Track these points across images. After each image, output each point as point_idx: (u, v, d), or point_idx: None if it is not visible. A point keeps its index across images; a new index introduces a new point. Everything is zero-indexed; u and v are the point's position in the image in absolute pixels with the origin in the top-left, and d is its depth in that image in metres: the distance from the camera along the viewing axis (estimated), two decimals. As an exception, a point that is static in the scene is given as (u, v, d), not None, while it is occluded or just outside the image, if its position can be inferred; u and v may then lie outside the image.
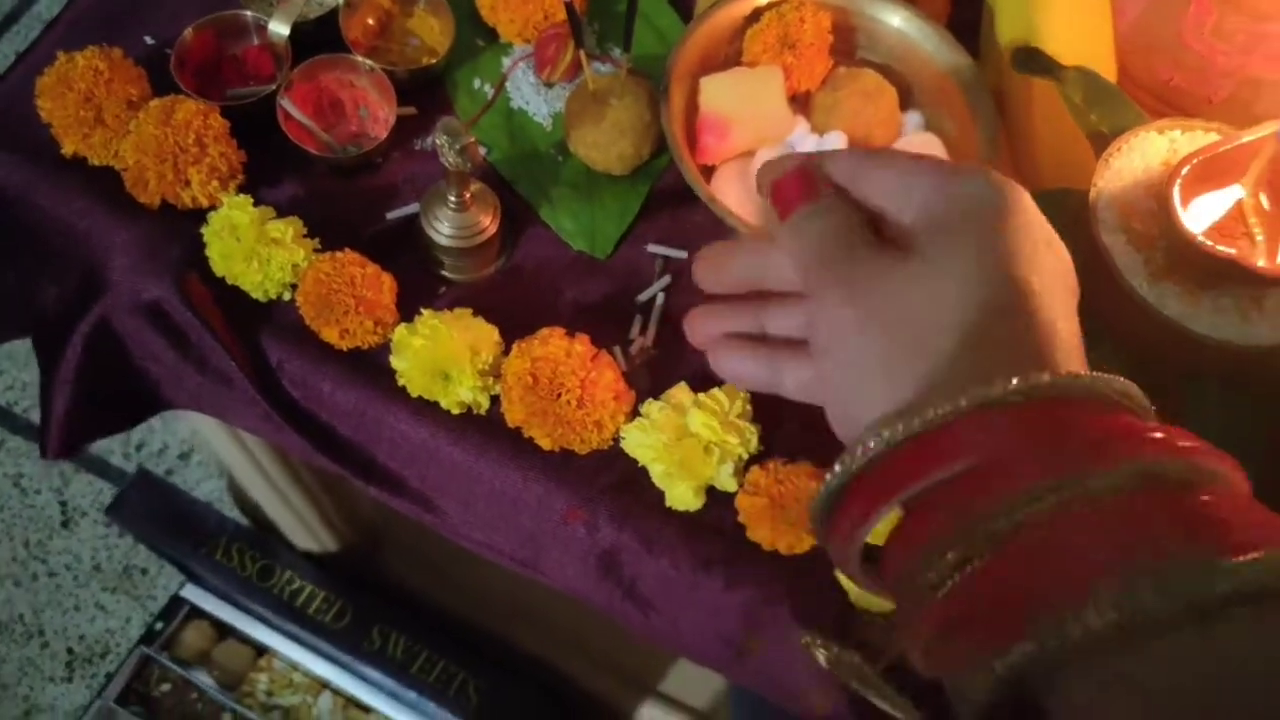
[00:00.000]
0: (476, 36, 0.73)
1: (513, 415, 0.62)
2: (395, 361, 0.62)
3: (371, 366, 0.64)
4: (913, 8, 0.69)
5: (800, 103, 0.69)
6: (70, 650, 1.29)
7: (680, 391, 0.61)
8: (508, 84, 0.72)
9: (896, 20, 0.69)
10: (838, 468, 0.33)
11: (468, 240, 0.65)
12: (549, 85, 0.72)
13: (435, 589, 1.17)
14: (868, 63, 0.70)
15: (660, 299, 0.67)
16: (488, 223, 0.65)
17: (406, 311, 0.64)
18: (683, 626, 0.66)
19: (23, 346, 1.38)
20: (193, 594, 1.26)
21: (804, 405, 0.62)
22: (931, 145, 0.66)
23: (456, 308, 0.63)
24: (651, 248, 0.69)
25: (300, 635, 1.06)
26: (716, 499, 0.61)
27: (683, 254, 0.69)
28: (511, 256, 0.68)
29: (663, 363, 0.65)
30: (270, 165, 0.67)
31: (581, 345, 0.61)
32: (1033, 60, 0.65)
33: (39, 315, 0.66)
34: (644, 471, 0.62)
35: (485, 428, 0.63)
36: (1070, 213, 0.60)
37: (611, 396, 0.61)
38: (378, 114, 0.70)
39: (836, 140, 0.67)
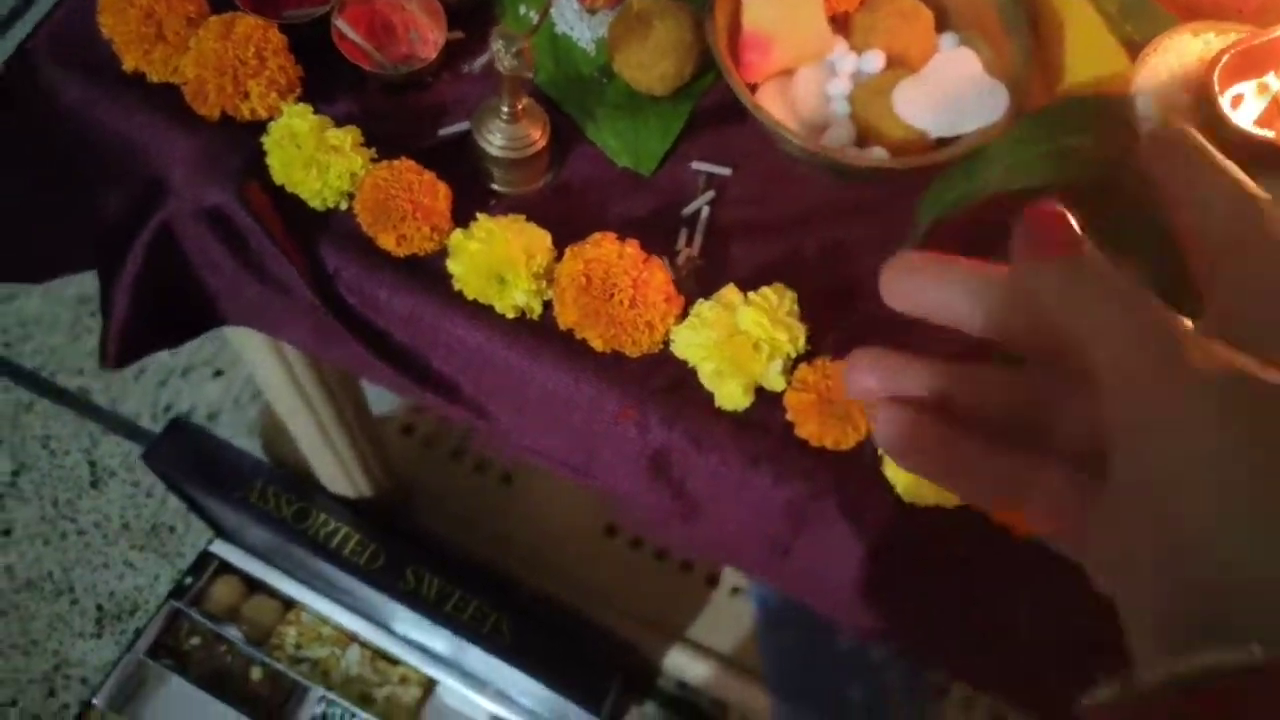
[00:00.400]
0: (522, -34, 0.75)
1: (565, 317, 0.63)
2: (452, 265, 0.64)
3: (427, 273, 0.65)
4: (949, -70, 0.70)
5: (839, 23, 0.71)
6: (99, 607, 1.31)
7: (730, 292, 0.63)
8: (552, 10, 0.74)
9: (933, -58, 0.71)
10: (1133, 682, 0.23)
11: (518, 152, 0.66)
12: (592, 12, 0.74)
13: (463, 540, 1.18)
14: (903, -14, 0.72)
15: (705, 212, 0.69)
16: (537, 136, 0.67)
17: (460, 223, 0.65)
18: (729, 527, 0.67)
19: (49, 311, 1.40)
20: (222, 549, 1.28)
21: (851, 304, 0.65)
22: (967, 59, 0.68)
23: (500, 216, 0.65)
24: (695, 164, 0.70)
25: (334, 578, 1.07)
26: (764, 399, 0.63)
27: (726, 170, 0.70)
28: (559, 173, 0.70)
29: (708, 273, 0.67)
30: (325, 82, 0.68)
31: (632, 249, 0.63)
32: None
33: (101, 224, 0.67)
34: (693, 374, 0.64)
35: (538, 331, 0.65)
36: (1107, 115, 0.62)
37: (663, 299, 0.63)
38: (427, 36, 0.72)
39: (875, 59, 0.69)
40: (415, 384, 0.67)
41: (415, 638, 1.24)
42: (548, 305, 0.65)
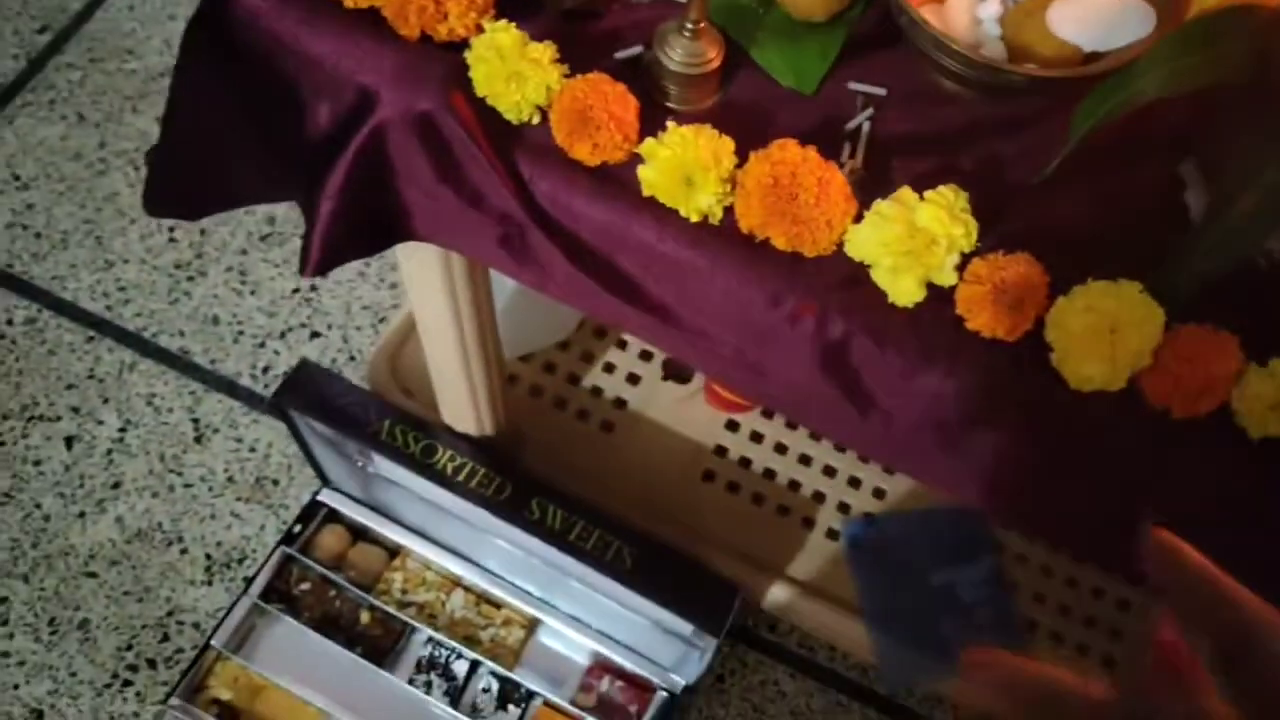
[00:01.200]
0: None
1: (749, 219, 0.68)
2: (643, 171, 0.68)
3: (616, 181, 0.70)
4: None
5: (986, -48, 0.76)
6: (208, 556, 1.35)
7: (906, 192, 0.67)
8: (710, -55, 0.79)
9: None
10: None
11: (697, 68, 0.71)
12: (748, -53, 0.79)
13: (568, 484, 1.22)
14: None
15: (866, 127, 0.73)
16: (713, 54, 0.71)
17: (641, 138, 0.70)
18: (898, 421, 0.72)
19: (147, 277, 1.45)
20: (329, 498, 1.32)
21: (1020, 202, 0.69)
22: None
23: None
24: (852, 85, 0.75)
25: (462, 510, 1.11)
26: (935, 295, 0.67)
27: (880, 90, 0.75)
28: (728, 92, 0.74)
29: (870, 183, 0.71)
30: (508, 6, 0.73)
31: (814, 152, 0.67)
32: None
33: (310, 134, 0.72)
34: (865, 273, 0.68)
35: (720, 234, 0.69)
36: (1255, 28, 0.67)
37: (843, 198, 0.67)
38: (597, -31, 0.76)
39: (1023, -18, 0.74)
40: (603, 288, 0.71)
41: (518, 582, 1.28)
42: (728, 211, 0.69)
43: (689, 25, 0.69)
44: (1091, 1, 0.72)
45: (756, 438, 1.33)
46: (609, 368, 1.36)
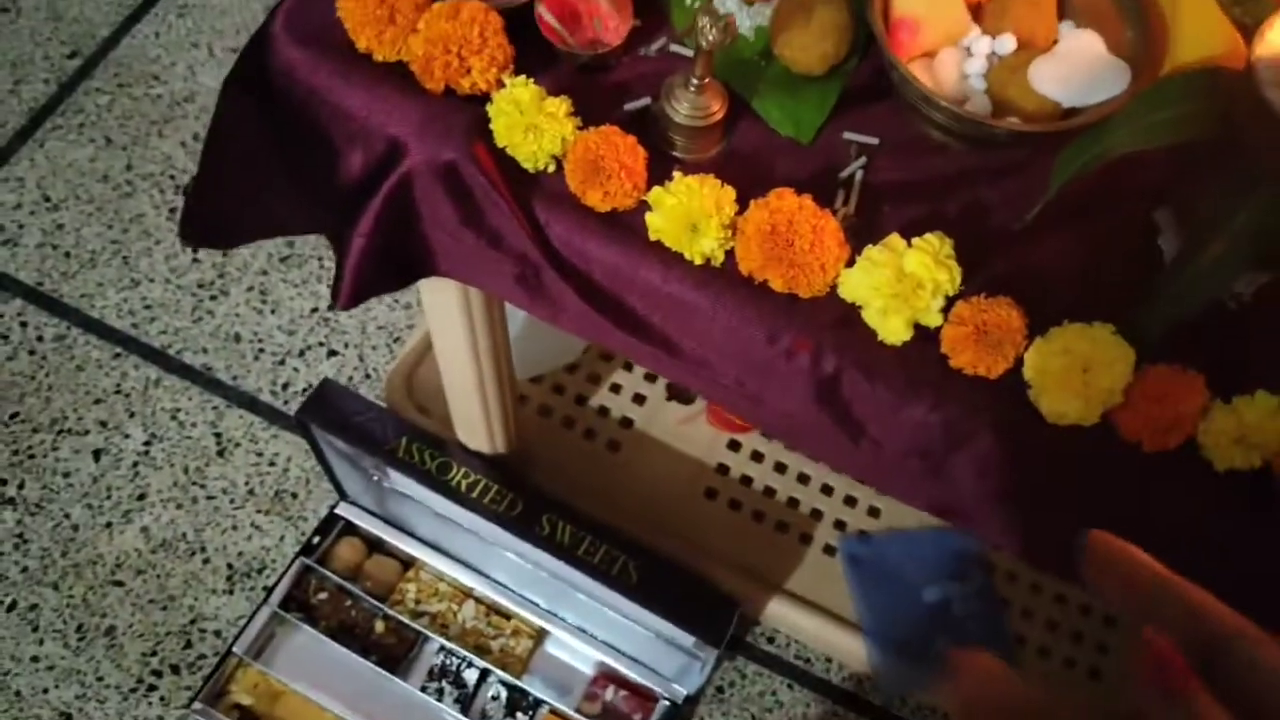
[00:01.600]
0: (685, -39, 0.85)
1: (749, 262, 0.73)
2: (651, 218, 0.73)
3: (625, 226, 0.75)
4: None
5: (972, 12, 0.81)
6: (230, 565, 1.40)
7: (895, 239, 0.72)
8: (714, 2, 0.84)
9: (1057, -61, 0.80)
10: None
11: (701, 120, 0.76)
12: (750, 3, 0.84)
13: (575, 501, 1.27)
14: (1029, -22, 0.82)
15: (859, 175, 0.79)
16: (717, 107, 0.76)
17: (649, 185, 0.75)
18: (887, 450, 0.77)
19: (171, 296, 1.50)
20: (346, 511, 1.37)
21: (1003, 246, 0.74)
22: (1093, 41, 0.78)
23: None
24: (847, 134, 0.80)
25: (475, 525, 1.17)
26: (921, 334, 0.73)
27: (873, 140, 0.80)
28: (730, 140, 0.79)
29: (863, 229, 0.76)
30: (526, 60, 0.78)
31: (810, 201, 0.72)
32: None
33: (342, 179, 0.77)
34: (857, 312, 0.73)
35: (721, 276, 0.74)
36: (1221, 84, 0.72)
37: (836, 244, 0.72)
38: (609, 24, 0.82)
39: (1008, 41, 0.79)
40: (612, 324, 0.77)
41: (527, 594, 1.33)
42: (729, 254, 0.74)
43: (694, 80, 0.75)
44: (1070, 60, 0.77)
45: (757, 457, 1.38)
46: (615, 389, 1.41)
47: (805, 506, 1.35)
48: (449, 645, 1.32)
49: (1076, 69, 0.76)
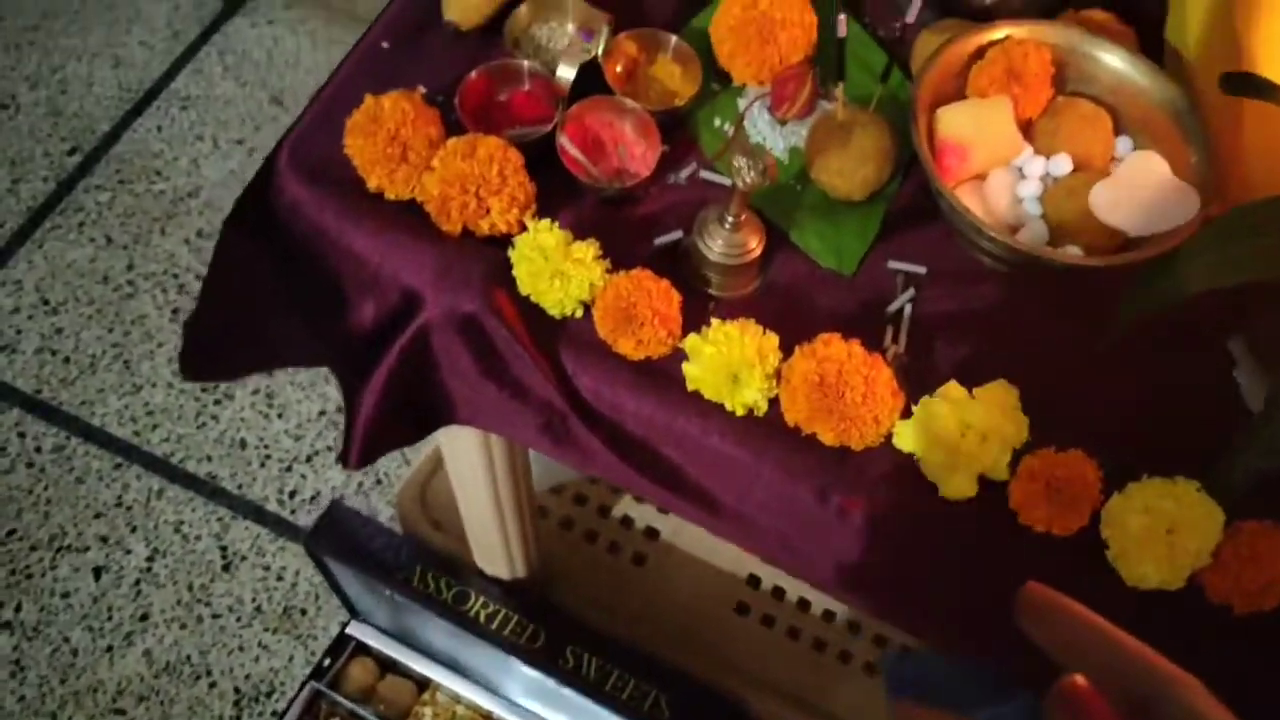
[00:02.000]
0: (712, 81, 0.80)
1: (795, 414, 0.67)
2: (688, 368, 0.68)
3: (659, 374, 0.69)
4: (1127, 45, 0.75)
5: (1023, 130, 0.76)
6: (237, 689, 1.34)
7: (954, 388, 0.67)
8: (745, 122, 0.79)
9: (1111, 57, 0.75)
10: None
11: (737, 258, 0.71)
12: (783, 122, 0.79)
13: (600, 618, 1.21)
14: (1080, 94, 0.77)
15: (907, 310, 0.73)
16: (755, 244, 0.71)
17: (685, 326, 0.70)
18: (950, 606, 0.71)
19: (174, 401, 1.45)
20: (358, 630, 1.31)
21: (1068, 386, 0.68)
22: (1156, 163, 0.73)
23: (728, 320, 0.69)
24: (892, 264, 0.75)
25: (495, 660, 1.10)
26: (986, 486, 0.67)
27: (920, 269, 0.75)
28: (768, 275, 0.74)
29: (916, 368, 0.71)
30: (546, 192, 0.73)
31: (858, 348, 0.67)
32: (1246, 84, 0.71)
33: (350, 334, 0.72)
34: (913, 464, 0.67)
35: (765, 427, 0.69)
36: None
37: (889, 394, 0.67)
38: (634, 151, 0.76)
39: (1063, 162, 0.74)
40: (646, 477, 0.71)
41: (549, 715, 1.26)
42: (773, 403, 0.69)
43: (730, 218, 0.69)
44: (1133, 184, 0.72)
45: (789, 565, 1.31)
46: (640, 497, 1.35)
47: (841, 620, 1.28)
48: (469, 773, 1.25)
49: (1140, 194, 0.71)
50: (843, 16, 0.73)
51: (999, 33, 0.76)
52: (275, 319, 0.81)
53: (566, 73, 0.73)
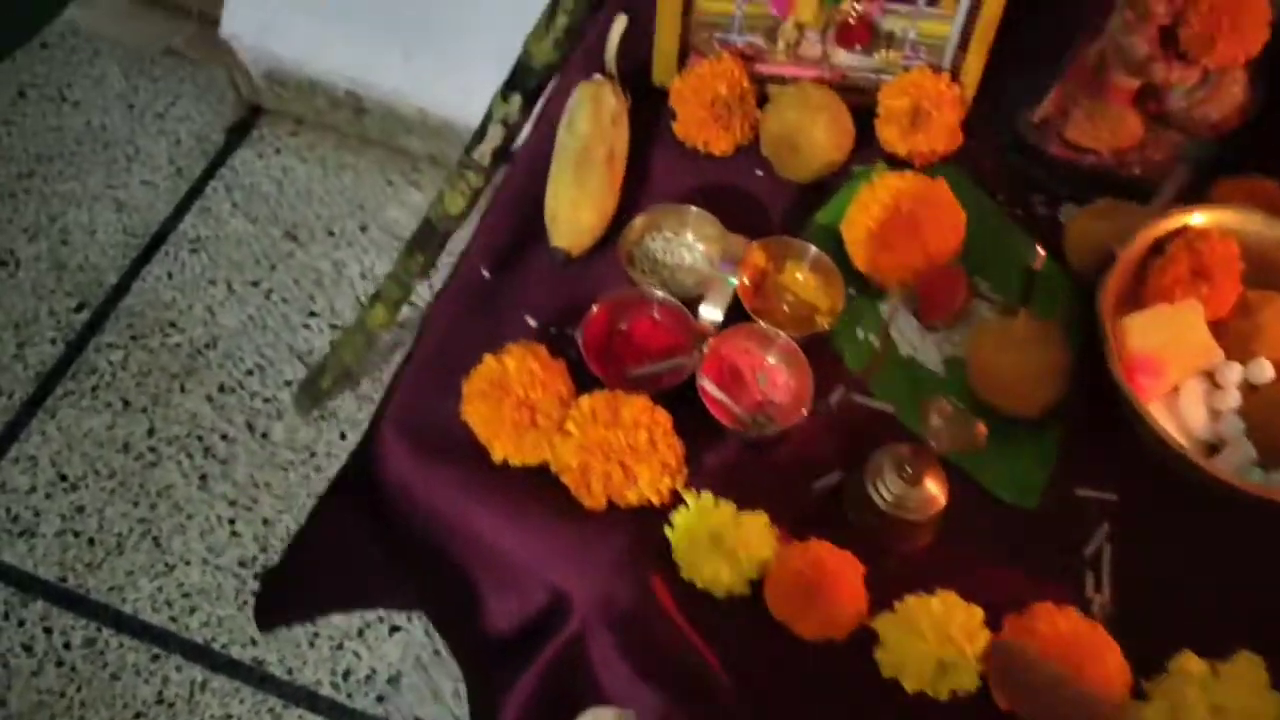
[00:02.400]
0: (847, 285, 0.72)
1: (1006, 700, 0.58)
2: (881, 654, 0.59)
3: (842, 656, 0.60)
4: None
5: (1213, 328, 0.68)
6: None
7: (1189, 661, 0.58)
8: (891, 331, 0.71)
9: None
10: None
11: (918, 513, 0.62)
12: (931, 329, 0.71)
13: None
14: (1267, 285, 0.69)
15: (1108, 551, 0.64)
16: (939, 493, 0.62)
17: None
18: None
19: (211, 580, 1.35)
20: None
21: None
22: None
23: (918, 589, 0.60)
24: (1080, 491, 0.66)
25: None
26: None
27: (1112, 496, 0.66)
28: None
29: (1127, 622, 0.62)
30: (687, 437, 0.64)
31: (1076, 614, 0.58)
32: None
33: (481, 637, 0.63)
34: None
35: (971, 707, 0.60)
36: None
37: (1118, 669, 0.58)
38: (776, 379, 0.68)
39: (1264, 368, 0.66)
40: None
41: None
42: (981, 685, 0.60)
43: (909, 469, 0.61)
44: (1355, 397, 0.64)
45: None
46: None
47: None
48: None
49: (1368, 410, 0.63)
50: (1041, 251, 0.65)
51: (1176, 222, 0.68)
52: (373, 579, 0.72)
53: (713, 314, 0.64)
